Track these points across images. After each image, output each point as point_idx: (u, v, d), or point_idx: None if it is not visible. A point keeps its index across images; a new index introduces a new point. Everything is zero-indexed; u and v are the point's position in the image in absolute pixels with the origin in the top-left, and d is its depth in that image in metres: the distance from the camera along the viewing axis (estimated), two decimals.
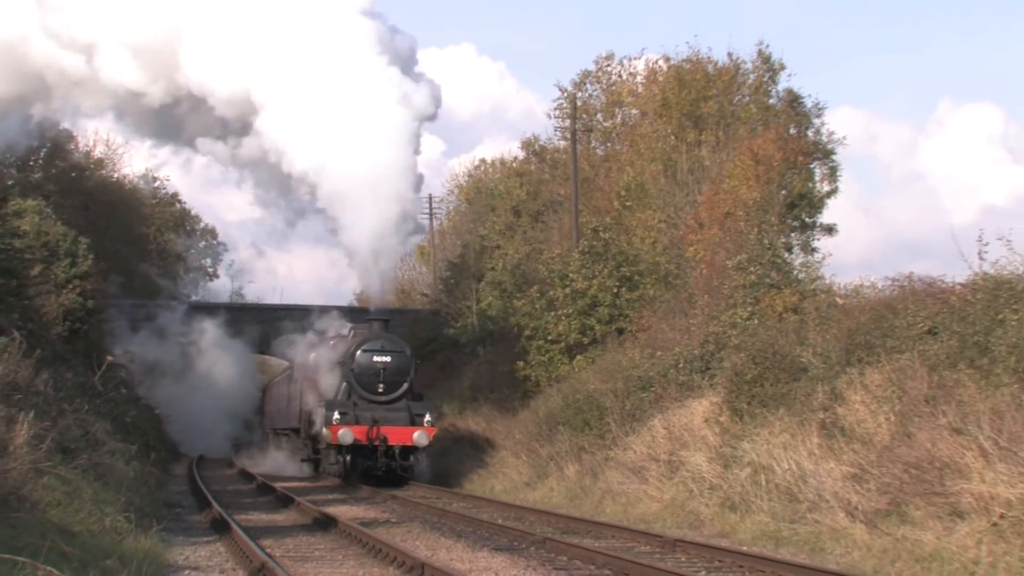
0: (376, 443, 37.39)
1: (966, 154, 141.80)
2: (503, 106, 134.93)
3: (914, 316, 22.95)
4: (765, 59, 47.44)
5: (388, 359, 39.27)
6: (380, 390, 38.89)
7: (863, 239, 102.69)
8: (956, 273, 23.49)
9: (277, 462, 51.87)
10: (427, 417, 38.59)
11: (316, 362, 44.38)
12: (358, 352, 39.37)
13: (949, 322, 21.80)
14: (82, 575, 13.24)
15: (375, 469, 37.64)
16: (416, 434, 37.69)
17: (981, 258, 22.40)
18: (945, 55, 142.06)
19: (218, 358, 64.68)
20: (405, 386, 39.42)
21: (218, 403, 70.25)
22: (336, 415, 37.73)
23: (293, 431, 49.90)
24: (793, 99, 44.72)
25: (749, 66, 47.62)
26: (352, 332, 42.73)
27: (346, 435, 36.94)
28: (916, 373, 21.38)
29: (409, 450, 37.89)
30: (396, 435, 37.68)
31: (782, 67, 47.02)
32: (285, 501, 31.05)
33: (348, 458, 37.77)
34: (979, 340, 20.63)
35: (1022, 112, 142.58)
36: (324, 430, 38.51)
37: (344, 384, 39.55)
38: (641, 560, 18.33)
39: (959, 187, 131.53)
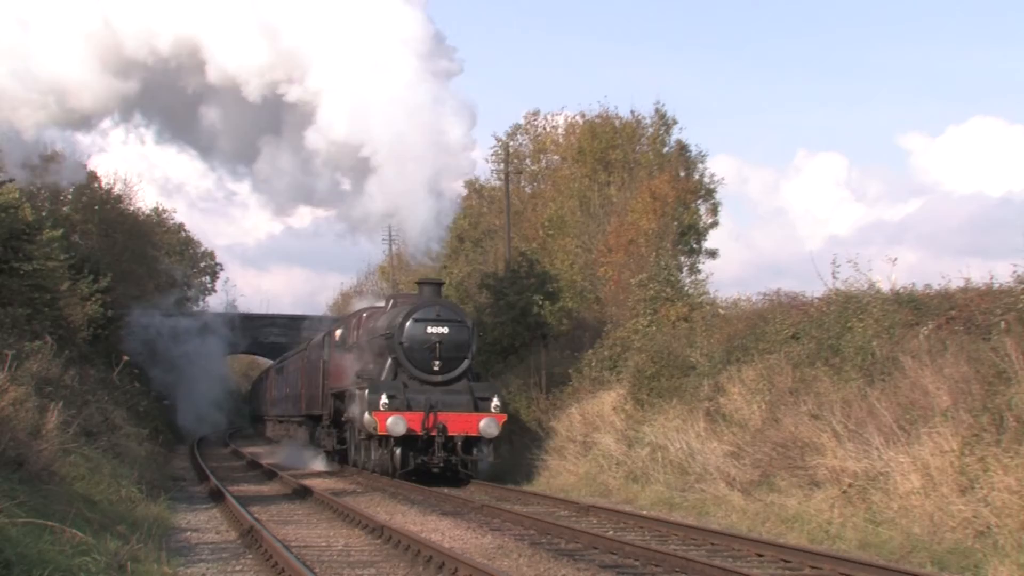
0: (433, 433, 26.37)
1: (817, 194, 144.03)
2: None
3: (781, 324, 23.15)
4: (661, 116, 47.78)
5: (445, 330, 27.43)
6: (435, 368, 27.29)
7: (737, 261, 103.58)
8: (813, 289, 23.71)
9: (288, 453, 40.16)
10: (494, 401, 26.99)
11: (348, 339, 32.53)
12: (408, 323, 27.44)
13: (808, 328, 21.99)
14: (101, 536, 13.13)
15: (431, 465, 26.58)
16: (483, 422, 26.31)
17: (834, 277, 22.66)
18: (801, 114, 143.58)
19: (205, 356, 64.40)
20: (466, 363, 27.60)
21: (210, 394, 70.52)
22: (384, 399, 26.43)
23: (309, 419, 38.71)
24: (682, 148, 44.91)
25: (648, 121, 47.96)
26: (392, 302, 30.26)
27: (397, 424, 25.97)
28: (782, 370, 21.56)
29: (473, 441, 26.68)
30: (457, 423, 26.56)
31: (674, 122, 47.33)
32: (270, 475, 30.88)
33: (398, 451, 26.68)
34: (832, 343, 20.82)
35: (861, 161, 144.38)
36: (367, 417, 26.76)
37: (390, 362, 27.80)
38: (560, 522, 18.37)
39: (812, 220, 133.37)
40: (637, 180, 41.78)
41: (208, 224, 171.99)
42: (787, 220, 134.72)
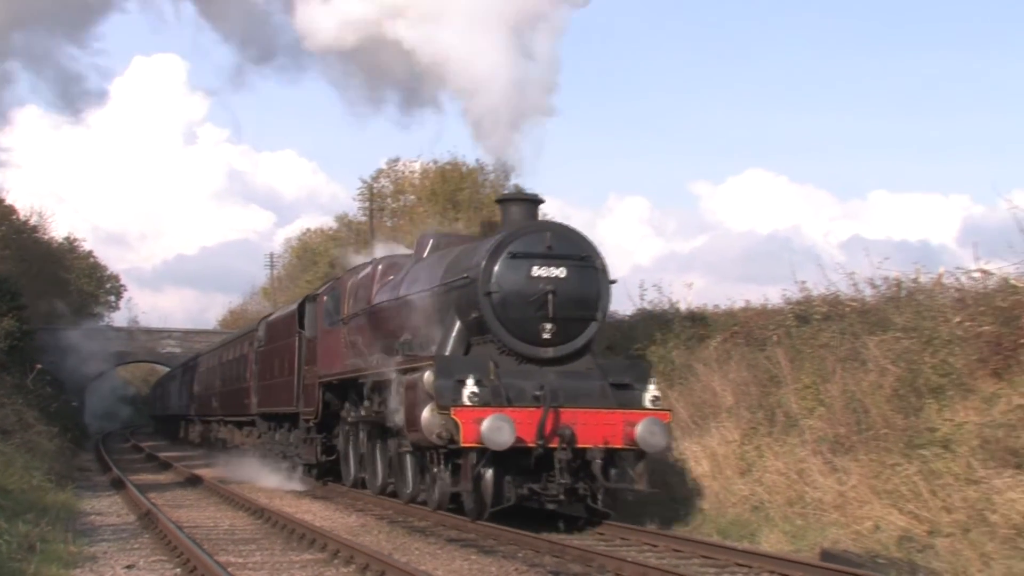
0: (553, 445, 13.17)
1: (625, 230, 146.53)
2: (316, 192, 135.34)
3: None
4: (501, 164, 48.37)
5: (562, 273, 14.16)
6: (546, 336, 14.14)
7: None
8: (625, 309, 23.97)
9: (233, 463, 26.29)
10: (651, 390, 14.07)
11: (346, 306, 19.09)
12: (500, 260, 14.13)
13: (621, 341, 22.30)
14: (13, 521, 12.68)
15: (546, 498, 13.52)
16: (642, 426, 13.36)
17: (641, 298, 22.92)
18: (613, 164, 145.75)
19: (105, 364, 63.24)
20: (593, 328, 14.43)
21: (113, 396, 69.97)
22: (472, 386, 13.13)
23: (268, 419, 24.78)
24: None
25: (490, 167, 48.59)
26: (432, 243, 17.10)
27: (501, 428, 12.73)
28: None
29: (615, 457, 13.68)
30: (593, 428, 13.42)
31: (512, 169, 48.03)
32: (166, 466, 30.09)
33: (490, 475, 13.36)
34: (641, 353, 21.17)
35: (661, 203, 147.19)
36: (431, 416, 13.57)
37: (457, 329, 14.62)
38: (413, 510, 18.01)
39: (621, 252, 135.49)
40: (481, 218, 42.06)
41: (111, 251, 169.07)
42: (603, 251, 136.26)
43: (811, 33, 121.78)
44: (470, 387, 13.18)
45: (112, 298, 78.93)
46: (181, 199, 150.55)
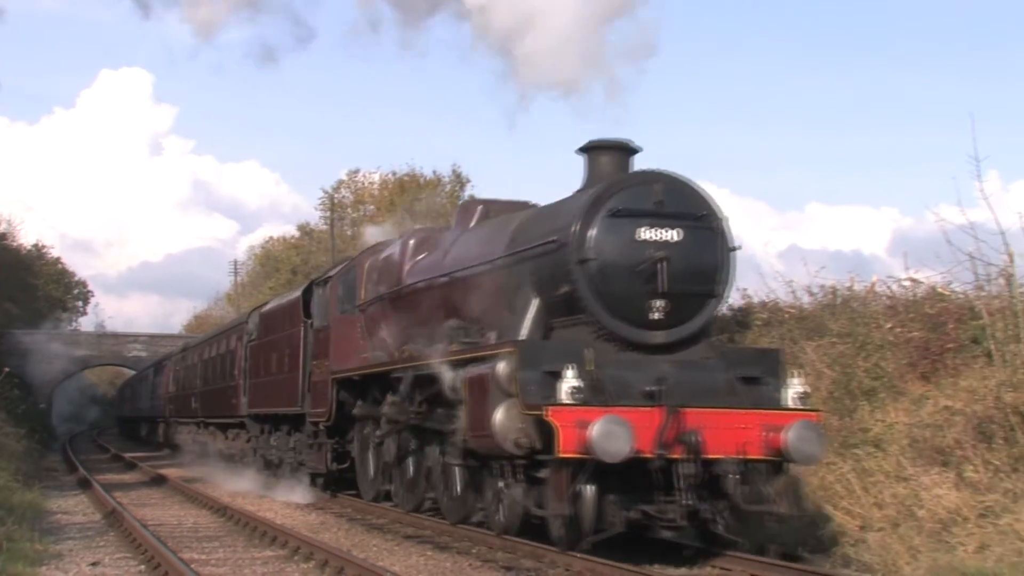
0: (675, 455, 9.59)
1: None
2: (278, 201, 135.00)
3: None
4: (457, 175, 49.00)
5: (676, 236, 10.51)
6: (655, 317, 10.53)
7: None
8: None
9: (217, 468, 23.55)
10: (795, 386, 10.39)
11: (362, 291, 16.03)
12: (596, 221, 10.54)
13: None
14: None
15: (664, 522, 9.78)
16: (793, 432, 9.78)
17: None
18: (554, 174, 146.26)
19: (71, 366, 62.56)
20: (712, 307, 10.98)
21: (80, 399, 69.41)
22: (572, 380, 9.54)
23: (259, 420, 21.58)
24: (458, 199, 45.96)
25: (447, 179, 49.11)
26: (480, 211, 13.88)
27: (615, 435, 9.19)
28: None
29: (753, 470, 9.93)
30: (724, 434, 9.79)
31: (467, 180, 48.73)
32: (131, 466, 29.76)
33: (589, 493, 9.63)
34: None
35: None
36: (506, 418, 9.94)
37: (535, 307, 10.98)
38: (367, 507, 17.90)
39: None
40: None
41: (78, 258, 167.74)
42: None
43: (751, 53, 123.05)
44: (570, 380, 9.64)
45: (80, 303, 78.53)
46: (146, 208, 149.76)
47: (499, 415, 10.09)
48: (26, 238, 64.66)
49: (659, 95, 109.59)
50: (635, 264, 10.53)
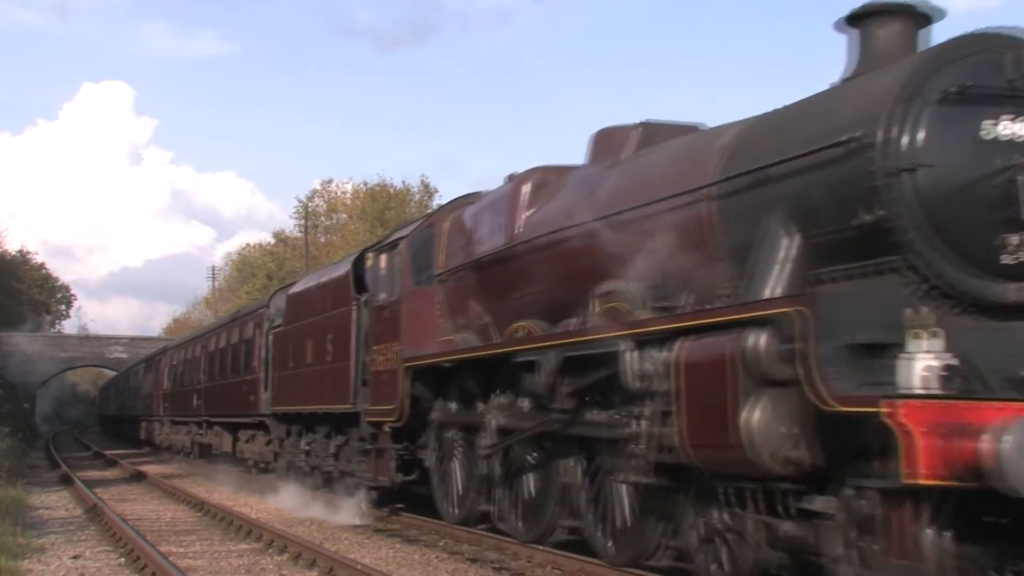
0: None
1: None
2: (254, 210, 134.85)
3: None
4: (425, 186, 49.33)
5: None
6: (1011, 260, 5.88)
7: None
8: None
9: (232, 477, 20.42)
10: None
11: (442, 256, 12.14)
12: (921, 111, 5.96)
13: None
14: None
15: None
16: None
17: None
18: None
19: (52, 367, 62.08)
20: None
21: (62, 399, 69.03)
22: (929, 358, 4.98)
23: (285, 421, 17.83)
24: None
25: (416, 189, 49.41)
26: (649, 132, 9.09)
27: None
28: None
29: None
30: None
31: (435, 190, 49.14)
32: (112, 463, 29.48)
33: (938, 539, 5.04)
34: None
35: None
36: (769, 423, 5.87)
37: (794, 255, 6.47)
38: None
39: None
40: None
41: (60, 263, 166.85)
42: None
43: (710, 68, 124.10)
44: (923, 358, 5.40)
45: (63, 307, 78.14)
46: (127, 215, 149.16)
47: (757, 415, 6.15)
48: (11, 244, 64.34)
49: (633, 108, 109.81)
50: (981, 177, 6.20)
